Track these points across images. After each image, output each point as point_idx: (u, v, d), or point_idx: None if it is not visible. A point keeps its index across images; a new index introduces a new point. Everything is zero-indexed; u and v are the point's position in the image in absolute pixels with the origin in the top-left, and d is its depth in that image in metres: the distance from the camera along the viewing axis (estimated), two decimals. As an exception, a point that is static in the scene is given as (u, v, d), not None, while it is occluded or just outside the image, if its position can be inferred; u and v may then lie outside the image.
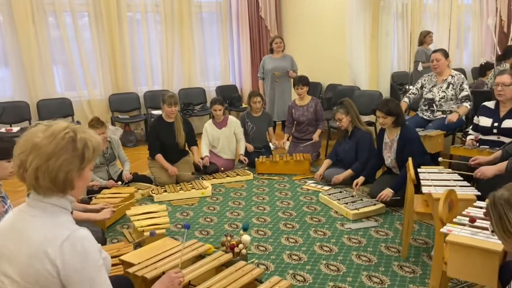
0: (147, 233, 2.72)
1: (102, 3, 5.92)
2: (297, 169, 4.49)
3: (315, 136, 4.80)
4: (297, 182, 4.24)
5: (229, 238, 2.54)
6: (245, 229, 2.59)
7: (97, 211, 2.93)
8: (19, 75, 5.63)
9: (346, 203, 3.43)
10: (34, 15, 5.54)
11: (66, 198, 1.29)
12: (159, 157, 4.16)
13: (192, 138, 4.44)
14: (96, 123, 3.86)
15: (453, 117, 3.93)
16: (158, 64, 6.61)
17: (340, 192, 3.74)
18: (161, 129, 4.22)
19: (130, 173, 4.07)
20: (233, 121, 4.74)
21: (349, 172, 3.92)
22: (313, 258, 2.70)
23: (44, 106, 5.71)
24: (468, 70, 8.07)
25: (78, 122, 5.83)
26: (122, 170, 4.16)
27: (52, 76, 5.89)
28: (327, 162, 4.22)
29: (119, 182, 3.89)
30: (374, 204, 3.38)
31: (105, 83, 6.22)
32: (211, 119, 4.74)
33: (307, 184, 4.15)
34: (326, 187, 3.98)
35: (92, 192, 3.70)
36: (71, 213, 1.34)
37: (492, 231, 1.35)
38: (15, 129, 5.34)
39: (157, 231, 2.73)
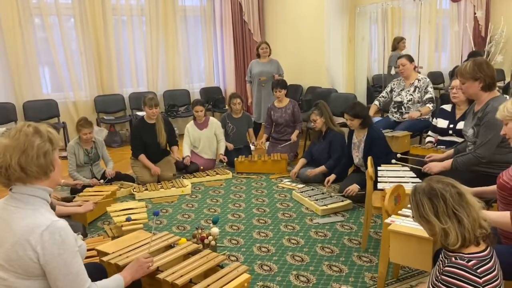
0: (125, 227, 2.90)
1: (87, 6, 6.07)
2: (274, 168, 4.70)
3: (293, 137, 5.01)
4: (274, 181, 4.45)
5: (200, 231, 2.73)
6: (215, 222, 2.79)
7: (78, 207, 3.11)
8: (5, 77, 5.75)
9: (316, 200, 3.64)
10: (20, 18, 5.67)
11: (45, 190, 1.48)
12: (142, 157, 4.34)
13: (173, 138, 4.63)
14: (84, 123, 4.03)
15: (413, 114, 4.19)
16: (143, 66, 6.77)
17: (312, 189, 3.96)
18: (143, 130, 4.39)
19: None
20: (214, 122, 4.93)
21: (322, 168, 4.15)
22: (281, 250, 2.91)
23: (30, 107, 5.84)
24: (446, 73, 8.38)
25: (64, 123, 5.98)
26: (105, 170, 4.33)
27: (39, 78, 6.02)
28: (302, 161, 4.44)
29: (101, 180, 4.06)
30: (342, 201, 3.60)
31: (91, 85, 6.36)
32: (192, 120, 4.92)
33: (282, 182, 4.36)
34: (300, 185, 4.19)
35: (76, 191, 3.86)
36: (54, 209, 1.54)
37: (413, 217, 1.57)
38: (1, 130, 5.45)
39: (135, 226, 2.91)
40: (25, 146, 1.41)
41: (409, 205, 2.30)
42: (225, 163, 4.89)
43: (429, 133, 3.78)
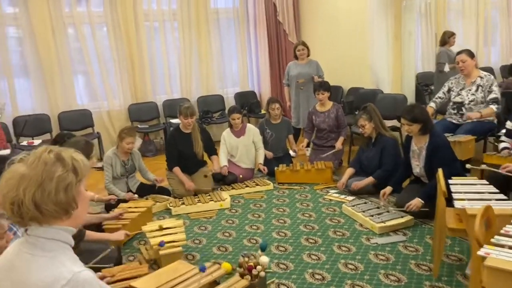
0: (162, 251, 2.62)
1: (119, 13, 5.93)
2: (318, 178, 4.33)
3: (338, 144, 4.63)
4: (319, 192, 4.08)
5: (246, 259, 2.41)
6: (263, 249, 2.45)
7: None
8: (40, 88, 5.68)
9: (372, 215, 3.25)
10: (53, 28, 5.58)
11: (66, 230, 1.19)
12: (177, 170, 4.08)
13: (211, 148, 4.36)
14: (129, 132, 3.84)
15: (472, 115, 3.72)
16: (176, 72, 6.57)
17: (365, 203, 3.56)
18: (178, 140, 4.14)
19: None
20: (252, 129, 4.62)
21: (370, 179, 3.74)
22: (337, 277, 2.54)
23: (65, 118, 5.75)
24: (497, 68, 7.73)
25: (98, 133, 5.85)
26: (140, 183, 4.12)
27: (73, 88, 5.92)
28: (349, 171, 4.04)
29: (136, 195, 3.83)
30: (402, 216, 3.19)
31: (124, 93, 6.22)
32: (229, 128, 4.63)
33: (329, 194, 3.99)
34: (350, 197, 3.80)
35: (110, 206, 3.65)
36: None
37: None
38: (36, 142, 5.37)
39: (174, 249, 2.62)
40: (43, 178, 1.12)
41: (502, 231, 1.90)
42: (264, 173, 4.57)
43: (503, 138, 3.30)
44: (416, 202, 3.08)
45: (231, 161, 4.57)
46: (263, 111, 6.73)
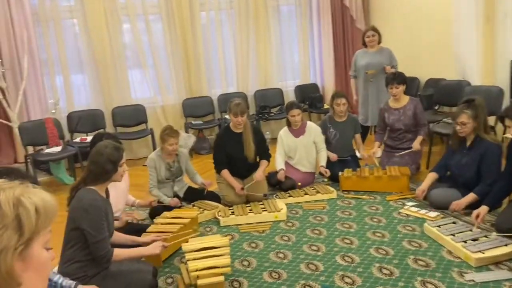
0: (201, 281, 2.17)
1: (174, 3, 5.62)
2: (392, 187, 3.67)
3: (416, 145, 3.91)
4: (393, 204, 3.43)
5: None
6: None
7: (148, 243, 2.48)
8: (94, 83, 5.55)
9: (465, 241, 2.56)
10: (108, 21, 5.40)
11: None
12: (225, 173, 3.65)
13: (264, 151, 3.84)
14: (170, 132, 3.49)
15: None
16: (233, 64, 6.16)
17: (454, 223, 2.86)
18: (228, 141, 3.69)
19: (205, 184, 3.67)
20: (313, 127, 4.05)
21: (472, 196, 2.94)
22: (423, 330, 1.93)
23: (118, 114, 5.57)
24: None
25: (151, 130, 5.60)
26: (189, 186, 3.75)
27: (127, 83, 5.74)
28: (432, 176, 3.32)
29: (183, 203, 3.45)
30: (506, 245, 2.47)
31: (179, 87, 5.93)
32: (286, 126, 4.10)
33: (406, 208, 3.32)
34: (432, 214, 3.11)
35: (155, 213, 3.31)
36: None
37: None
38: (89, 138, 5.22)
39: (215, 279, 2.17)
40: None
41: None
42: (326, 178, 3.99)
43: None
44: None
45: (289, 164, 4.04)
46: (326, 106, 6.11)
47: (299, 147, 4.00)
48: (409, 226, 3.00)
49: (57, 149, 4.66)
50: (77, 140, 5.13)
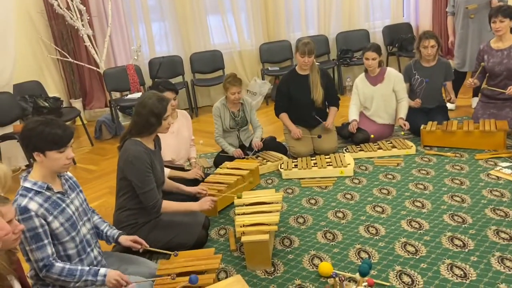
0: (245, 238, 2.10)
1: None
2: (484, 143, 3.16)
3: (519, 94, 3.27)
4: (482, 164, 2.96)
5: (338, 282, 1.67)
6: (364, 273, 1.67)
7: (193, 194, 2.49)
8: (174, 29, 5.59)
9: None
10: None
11: None
12: (284, 116, 3.50)
13: (333, 96, 3.55)
14: (233, 80, 3.38)
15: None
16: (314, 3, 5.70)
17: (556, 191, 2.37)
18: (292, 84, 3.47)
19: (262, 140, 3.51)
20: (393, 74, 3.60)
21: None
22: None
23: (196, 60, 5.58)
24: None
25: (227, 76, 5.53)
26: (252, 139, 3.65)
27: (206, 28, 5.68)
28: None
29: (248, 155, 3.37)
30: None
31: (256, 32, 5.71)
32: (363, 73, 3.70)
33: (498, 169, 2.84)
34: (531, 178, 2.62)
35: (220, 161, 3.29)
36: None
37: None
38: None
39: (259, 236, 2.08)
40: None
41: None
42: (405, 131, 3.54)
43: None
44: None
45: (364, 115, 3.69)
46: (415, 50, 5.41)
47: (376, 97, 3.60)
48: (497, 191, 2.56)
49: (138, 94, 4.86)
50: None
